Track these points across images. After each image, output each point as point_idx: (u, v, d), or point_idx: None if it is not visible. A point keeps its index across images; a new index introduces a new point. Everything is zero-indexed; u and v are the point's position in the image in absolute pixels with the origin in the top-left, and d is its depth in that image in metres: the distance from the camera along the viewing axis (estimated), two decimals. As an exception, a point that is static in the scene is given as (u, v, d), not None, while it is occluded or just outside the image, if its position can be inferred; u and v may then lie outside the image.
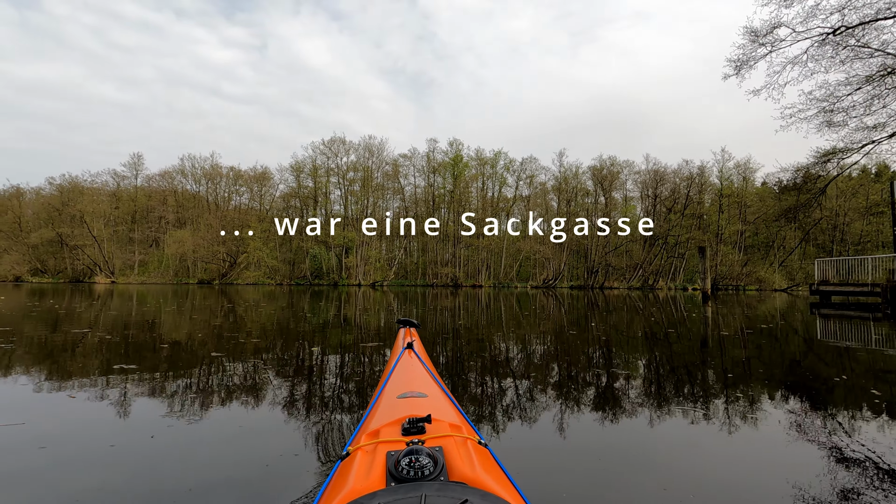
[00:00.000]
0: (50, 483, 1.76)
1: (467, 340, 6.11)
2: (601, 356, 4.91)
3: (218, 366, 4.05)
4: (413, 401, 1.39)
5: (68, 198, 50.95)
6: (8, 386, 3.23)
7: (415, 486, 0.82)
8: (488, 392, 3.27)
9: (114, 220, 51.98)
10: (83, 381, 3.39)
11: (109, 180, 54.82)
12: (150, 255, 51.63)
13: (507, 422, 2.57)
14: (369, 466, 0.95)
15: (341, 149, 49.96)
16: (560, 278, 44.73)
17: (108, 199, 52.89)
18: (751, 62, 15.89)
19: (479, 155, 50.41)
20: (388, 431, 1.12)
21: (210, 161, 55.49)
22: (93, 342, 5.44)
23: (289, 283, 46.25)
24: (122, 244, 52.14)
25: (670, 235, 42.41)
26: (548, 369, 4.11)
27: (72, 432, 2.32)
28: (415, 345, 2.21)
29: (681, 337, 6.63)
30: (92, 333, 6.23)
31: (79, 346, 5.16)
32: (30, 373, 3.65)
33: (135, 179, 55.80)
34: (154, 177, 55.69)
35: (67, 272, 51.04)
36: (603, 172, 46.58)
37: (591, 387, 3.43)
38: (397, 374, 1.76)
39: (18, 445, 2.13)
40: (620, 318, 10.01)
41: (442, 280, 46.84)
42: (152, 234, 52.78)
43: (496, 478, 0.95)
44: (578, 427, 2.49)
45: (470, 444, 1.07)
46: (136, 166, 56.09)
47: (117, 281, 47.42)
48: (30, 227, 53.27)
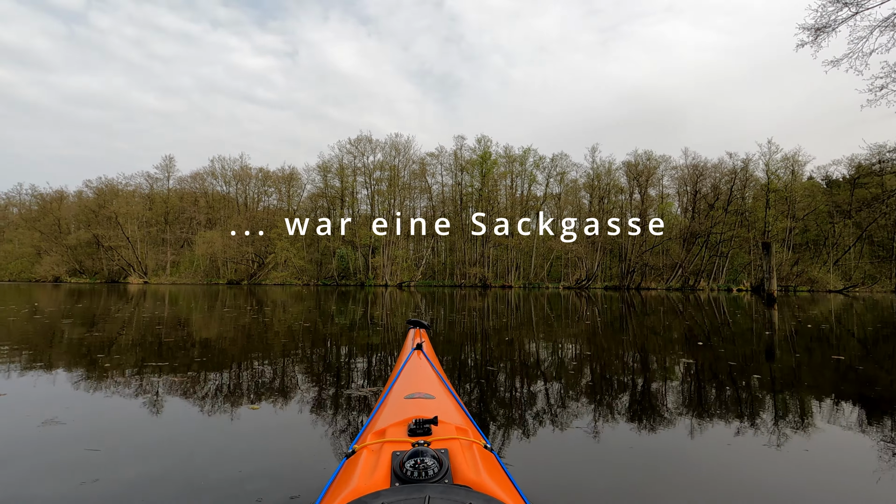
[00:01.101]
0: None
1: (497, 342, 6.00)
2: (634, 363, 4.71)
3: (239, 365, 4.18)
4: (420, 402, 1.41)
5: (104, 200, 53.51)
6: (65, 384, 3.42)
7: (419, 487, 0.83)
8: (504, 397, 3.24)
9: (147, 222, 54.23)
10: (119, 378, 3.56)
11: (143, 182, 57.38)
12: (182, 256, 53.61)
13: (527, 431, 2.52)
14: (374, 465, 0.96)
15: (368, 147, 50.56)
16: (594, 279, 43.83)
17: (142, 200, 55.27)
18: (831, 27, 13.67)
19: (508, 152, 50.00)
20: (395, 431, 1.14)
21: (239, 162, 57.24)
22: (128, 342, 5.63)
23: (315, 283, 47.11)
24: (155, 245, 54.34)
25: (713, 233, 40.86)
26: (572, 375, 4.03)
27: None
28: (424, 346, 2.24)
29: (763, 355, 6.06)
30: (127, 335, 6.44)
31: (121, 346, 5.34)
32: (78, 372, 3.86)
33: (167, 181, 58.17)
34: (185, 178, 57.89)
35: (104, 273, 53.61)
36: (638, 168, 45.36)
37: (618, 397, 3.29)
38: (405, 375, 1.78)
39: (76, 439, 2.30)
40: (667, 322, 9.66)
41: (470, 280, 46.70)
42: (183, 235, 54.80)
43: (501, 483, 0.96)
44: (597, 441, 2.41)
45: (476, 448, 1.08)
46: (168, 168, 58.42)
47: (150, 281, 49.46)
48: (69, 229, 56.26)
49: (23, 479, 1.84)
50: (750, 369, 4.35)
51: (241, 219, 51.45)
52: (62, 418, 2.58)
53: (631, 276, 41.95)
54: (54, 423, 2.51)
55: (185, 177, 57.96)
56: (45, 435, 2.32)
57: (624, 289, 39.16)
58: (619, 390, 3.46)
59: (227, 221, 52.63)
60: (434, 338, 6.51)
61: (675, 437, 2.44)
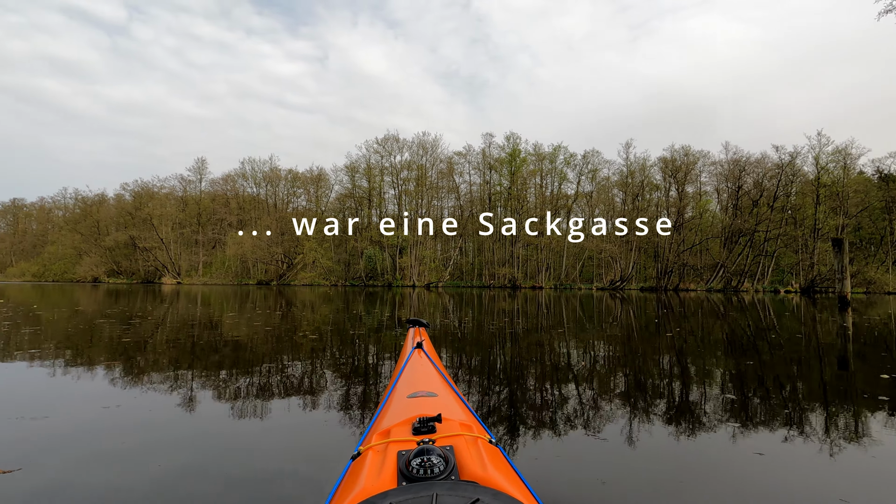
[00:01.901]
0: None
1: (527, 345, 5.88)
2: (662, 367, 4.50)
3: (258, 366, 4.28)
4: (423, 400, 1.43)
5: (140, 202, 55.91)
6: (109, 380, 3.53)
7: (426, 485, 0.84)
8: (520, 397, 3.22)
9: (180, 223, 56.32)
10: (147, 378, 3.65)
11: (177, 185, 59.66)
12: (213, 257, 55.41)
13: (535, 428, 2.52)
14: (381, 466, 0.98)
15: (395, 147, 50.93)
16: (629, 279, 42.77)
17: (175, 202, 57.46)
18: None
19: (537, 150, 49.42)
20: (399, 431, 1.16)
21: (269, 164, 58.72)
22: (164, 342, 5.79)
23: (343, 284, 47.81)
24: (188, 246, 56.39)
25: (757, 231, 39.21)
26: (599, 379, 3.97)
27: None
28: (424, 344, 2.27)
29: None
30: (165, 335, 6.64)
31: (157, 347, 5.50)
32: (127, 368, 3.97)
33: (199, 184, 60.26)
34: (217, 181, 59.88)
35: (140, 273, 56.02)
36: (676, 163, 43.98)
37: (639, 400, 3.19)
38: (407, 374, 1.81)
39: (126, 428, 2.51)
40: (715, 327, 9.28)
41: (499, 281, 46.38)
42: (215, 236, 56.65)
43: (507, 477, 0.96)
44: (609, 439, 2.40)
45: (481, 444, 1.09)
46: (201, 170, 60.52)
47: (182, 282, 51.34)
48: (107, 231, 59.02)
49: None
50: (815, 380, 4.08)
51: (270, 220, 52.74)
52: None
53: (668, 276, 40.72)
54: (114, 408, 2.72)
55: (216, 179, 60.05)
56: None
57: (661, 290, 38.06)
58: (639, 393, 3.40)
59: (258, 222, 54.07)
60: (461, 339, 6.44)
61: (690, 444, 2.38)
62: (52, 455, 2.10)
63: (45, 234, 67.21)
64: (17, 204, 72.64)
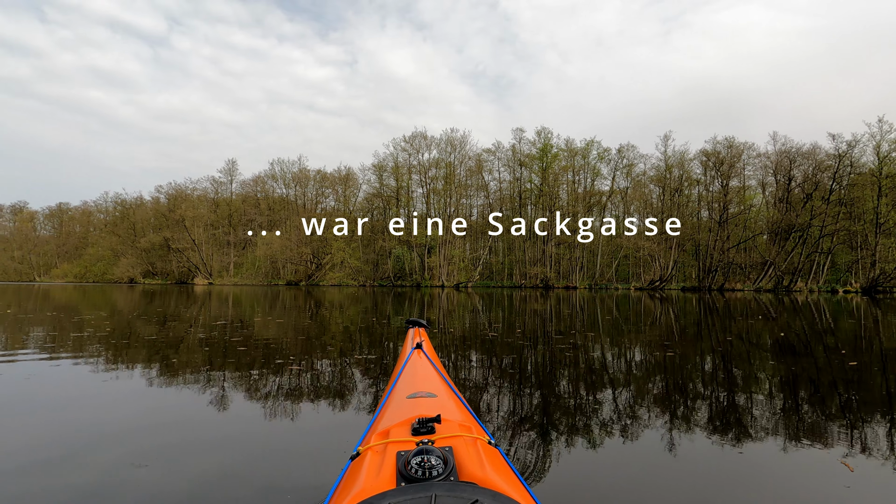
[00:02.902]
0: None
1: (560, 348, 5.61)
2: (706, 374, 4.14)
3: (265, 367, 4.32)
4: (423, 401, 1.44)
5: (174, 204, 58.10)
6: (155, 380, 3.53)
7: (425, 486, 0.85)
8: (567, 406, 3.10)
9: (212, 224, 58.21)
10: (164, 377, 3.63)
11: (209, 187, 61.69)
12: (244, 258, 57.00)
13: (543, 432, 2.43)
14: (379, 466, 0.98)
15: (423, 144, 50.94)
16: (669, 279, 41.34)
17: (207, 204, 59.45)
18: None
19: (569, 145, 48.45)
20: (398, 431, 1.16)
21: (298, 164, 59.94)
22: (195, 342, 5.82)
23: (371, 284, 48.25)
24: (220, 247, 58.20)
25: (812, 226, 37.13)
26: (619, 381, 3.87)
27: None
28: (424, 345, 2.29)
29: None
30: (195, 335, 6.71)
31: (189, 345, 5.54)
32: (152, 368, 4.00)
33: (230, 185, 62.15)
34: (248, 182, 61.59)
35: (174, 274, 58.23)
36: (719, 156, 42.17)
37: (660, 407, 3.03)
38: (407, 375, 1.82)
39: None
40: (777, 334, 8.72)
41: (531, 281, 45.75)
42: (245, 237, 58.27)
43: (506, 478, 0.97)
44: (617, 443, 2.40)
45: (480, 445, 1.10)
46: (231, 172, 62.42)
47: (214, 283, 53.01)
48: (143, 232, 61.63)
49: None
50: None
51: (299, 220, 53.82)
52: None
53: (713, 275, 39.10)
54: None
55: (247, 180, 61.78)
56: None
57: (704, 290, 36.60)
58: (660, 399, 3.29)
59: (287, 223, 55.24)
60: (492, 340, 6.23)
61: (700, 449, 2.32)
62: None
63: (87, 236, 70.81)
64: (62, 208, 76.98)
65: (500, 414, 2.90)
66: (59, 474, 1.93)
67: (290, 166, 60.04)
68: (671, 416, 2.85)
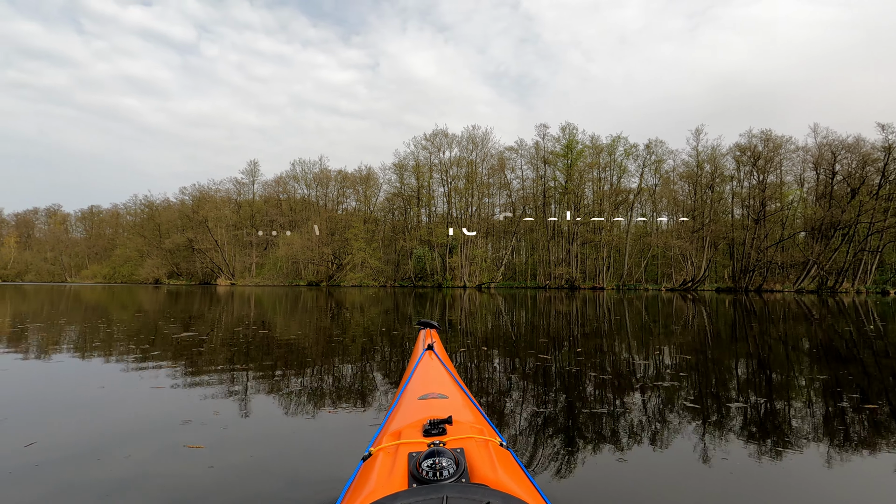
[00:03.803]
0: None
1: (586, 352, 5.23)
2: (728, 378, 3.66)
3: (280, 368, 4.35)
4: (434, 402, 1.45)
5: (197, 205, 59.35)
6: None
7: (436, 487, 0.86)
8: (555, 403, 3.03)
9: (234, 225, 59.24)
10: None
11: (231, 188, 62.84)
12: (265, 258, 57.78)
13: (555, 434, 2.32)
14: (391, 467, 0.99)
15: (444, 142, 50.58)
16: (703, 279, 39.94)
17: (230, 205, 60.55)
18: None
19: (595, 142, 47.36)
20: (410, 432, 1.17)
21: (319, 165, 60.49)
22: (219, 344, 5.65)
23: (392, 285, 48.22)
24: (242, 248, 59.15)
25: (860, 223, 35.29)
26: (640, 385, 3.75)
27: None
28: (435, 346, 2.29)
29: None
30: (220, 336, 6.56)
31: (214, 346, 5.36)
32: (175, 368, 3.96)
33: (252, 186, 63.17)
34: (269, 183, 62.46)
35: (197, 275, 59.48)
36: (755, 150, 40.54)
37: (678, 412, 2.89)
38: (418, 376, 1.83)
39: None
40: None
41: (556, 282, 44.94)
42: (267, 238, 59.07)
43: (518, 480, 0.98)
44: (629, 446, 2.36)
45: (491, 446, 1.11)
46: (253, 173, 63.44)
47: (236, 283, 53.87)
48: (168, 233, 63.14)
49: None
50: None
51: (320, 220, 54.23)
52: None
53: (750, 275, 37.59)
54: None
55: (269, 181, 62.64)
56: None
57: (740, 291, 35.22)
58: (685, 405, 3.17)
59: (308, 224, 55.76)
60: (515, 341, 5.88)
61: (722, 456, 2.24)
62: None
63: (116, 238, 73.09)
64: (93, 211, 79.90)
65: (513, 416, 2.87)
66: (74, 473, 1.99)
67: (311, 167, 60.63)
68: (693, 423, 2.73)
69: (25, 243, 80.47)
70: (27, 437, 2.36)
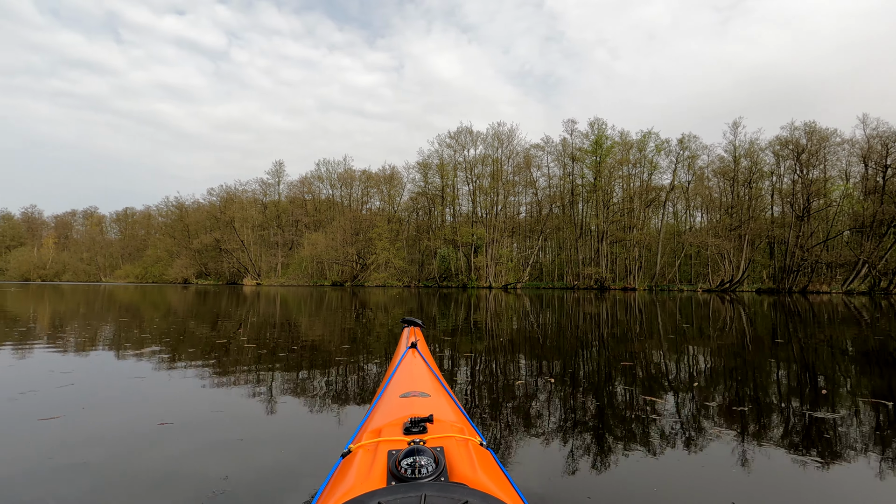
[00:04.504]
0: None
1: (615, 355, 5.04)
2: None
3: (289, 366, 4.38)
4: (415, 400, 1.45)
5: (224, 206, 60.55)
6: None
7: (415, 485, 0.86)
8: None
9: (260, 225, 60.18)
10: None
11: (258, 188, 63.90)
12: (290, 258, 58.48)
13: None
14: (370, 465, 1.00)
15: (468, 140, 50.08)
16: (742, 280, 38.25)
17: (256, 205, 61.55)
18: None
19: (624, 138, 46.06)
20: (390, 430, 1.17)
21: (343, 165, 60.93)
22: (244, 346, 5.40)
23: (416, 285, 48.00)
24: (268, 248, 60.04)
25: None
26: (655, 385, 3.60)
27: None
28: (418, 344, 2.28)
29: None
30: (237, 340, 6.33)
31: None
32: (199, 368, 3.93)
33: (278, 186, 64.10)
34: (294, 184, 63.25)
35: (225, 275, 60.65)
36: (799, 143, 38.63)
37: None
38: (400, 374, 1.82)
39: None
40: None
41: (584, 282, 43.92)
42: (292, 238, 59.82)
43: (496, 480, 0.99)
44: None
45: (471, 446, 1.11)
46: (279, 173, 64.33)
47: (262, 283, 54.63)
48: (196, 234, 64.62)
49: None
50: None
51: (344, 220, 54.55)
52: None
53: (794, 276, 35.77)
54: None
55: (294, 182, 63.45)
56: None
57: (784, 292, 33.56)
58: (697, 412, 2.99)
59: (332, 224, 56.18)
60: (541, 344, 5.43)
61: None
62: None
63: (148, 238, 75.39)
64: (127, 212, 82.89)
65: (495, 417, 2.86)
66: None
67: (335, 167, 61.13)
68: (693, 427, 2.69)
69: (63, 244, 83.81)
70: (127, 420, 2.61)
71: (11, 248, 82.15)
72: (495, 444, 2.33)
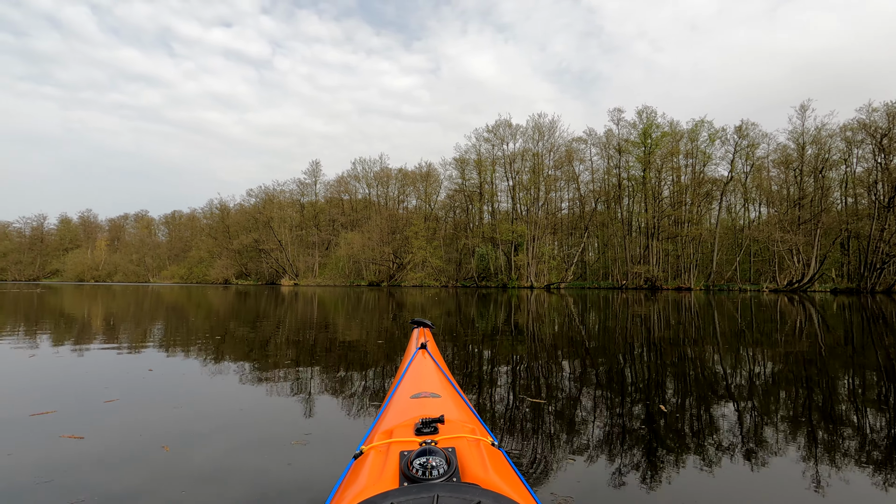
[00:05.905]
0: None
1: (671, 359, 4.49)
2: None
3: (297, 366, 4.45)
4: (426, 401, 1.46)
5: (263, 206, 61.98)
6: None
7: (427, 486, 0.88)
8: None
9: (298, 226, 61.20)
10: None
11: (295, 189, 65.05)
12: (327, 258, 59.10)
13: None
14: (382, 466, 1.01)
15: (507, 133, 48.78)
16: (815, 278, 35.25)
17: (293, 206, 62.64)
18: None
19: (674, 128, 43.61)
20: (402, 431, 1.18)
21: (379, 163, 61.06)
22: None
23: (454, 284, 47.27)
24: (305, 248, 60.94)
25: None
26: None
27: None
28: (428, 345, 2.28)
29: None
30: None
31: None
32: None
33: (314, 186, 65.02)
34: (331, 183, 63.94)
35: (264, 275, 62.03)
36: (877, 126, 35.25)
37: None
38: (411, 375, 1.84)
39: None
40: None
41: (633, 281, 41.90)
42: (328, 238, 60.49)
43: (509, 480, 0.99)
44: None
45: (483, 446, 1.12)
46: (315, 173, 65.20)
47: (299, 283, 55.38)
48: (236, 234, 66.48)
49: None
50: None
51: (381, 219, 54.57)
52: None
53: (878, 274, 32.58)
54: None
55: (331, 181, 64.17)
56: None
57: (865, 293, 30.65)
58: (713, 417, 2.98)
59: (368, 223, 56.35)
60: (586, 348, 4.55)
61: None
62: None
63: (192, 240, 78.48)
64: (175, 215, 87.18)
65: (505, 418, 2.88)
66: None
67: (371, 165, 61.33)
68: (713, 438, 2.52)
69: (115, 246, 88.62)
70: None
71: (69, 251, 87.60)
72: (507, 446, 2.30)
